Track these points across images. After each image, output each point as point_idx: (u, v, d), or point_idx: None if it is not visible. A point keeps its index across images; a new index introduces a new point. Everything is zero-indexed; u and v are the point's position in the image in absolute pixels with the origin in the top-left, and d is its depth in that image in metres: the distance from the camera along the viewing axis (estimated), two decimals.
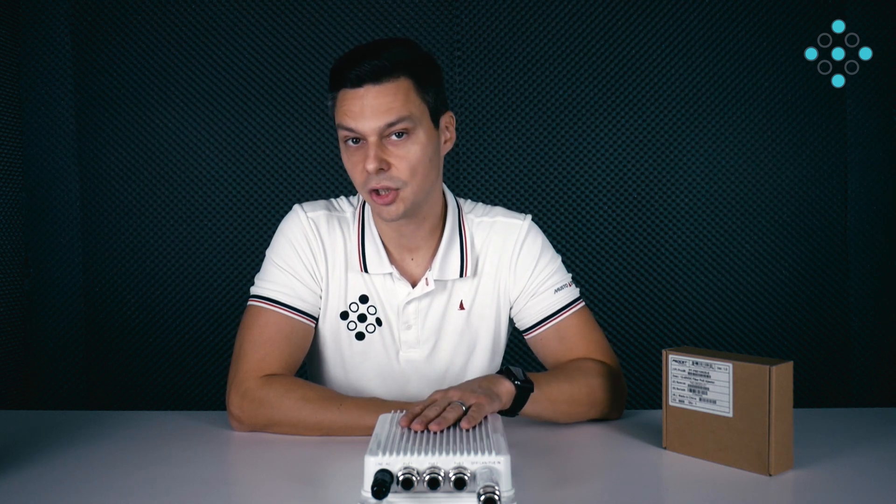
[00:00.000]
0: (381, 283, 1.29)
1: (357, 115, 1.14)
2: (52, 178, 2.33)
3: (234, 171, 2.33)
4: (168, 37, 2.31)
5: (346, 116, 1.15)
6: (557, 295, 1.30)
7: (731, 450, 1.00)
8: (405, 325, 1.29)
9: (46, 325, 2.35)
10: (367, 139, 1.15)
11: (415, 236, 1.28)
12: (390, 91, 1.14)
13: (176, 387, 2.34)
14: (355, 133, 1.16)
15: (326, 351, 1.32)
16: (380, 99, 1.14)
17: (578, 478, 1.00)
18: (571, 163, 2.33)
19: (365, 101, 1.14)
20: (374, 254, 1.28)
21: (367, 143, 1.15)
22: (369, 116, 1.14)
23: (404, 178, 1.16)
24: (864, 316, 2.32)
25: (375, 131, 1.14)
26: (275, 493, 0.95)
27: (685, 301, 2.33)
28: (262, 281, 1.28)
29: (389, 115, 1.14)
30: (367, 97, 1.14)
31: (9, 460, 1.04)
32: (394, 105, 1.14)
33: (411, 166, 1.16)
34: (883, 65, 2.23)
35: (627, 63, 2.30)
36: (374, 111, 1.14)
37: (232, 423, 1.20)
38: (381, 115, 1.14)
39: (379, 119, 1.14)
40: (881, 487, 0.94)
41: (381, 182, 1.16)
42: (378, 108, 1.14)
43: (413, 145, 1.16)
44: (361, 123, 1.14)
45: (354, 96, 1.15)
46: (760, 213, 2.32)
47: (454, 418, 0.96)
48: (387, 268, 1.27)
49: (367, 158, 1.14)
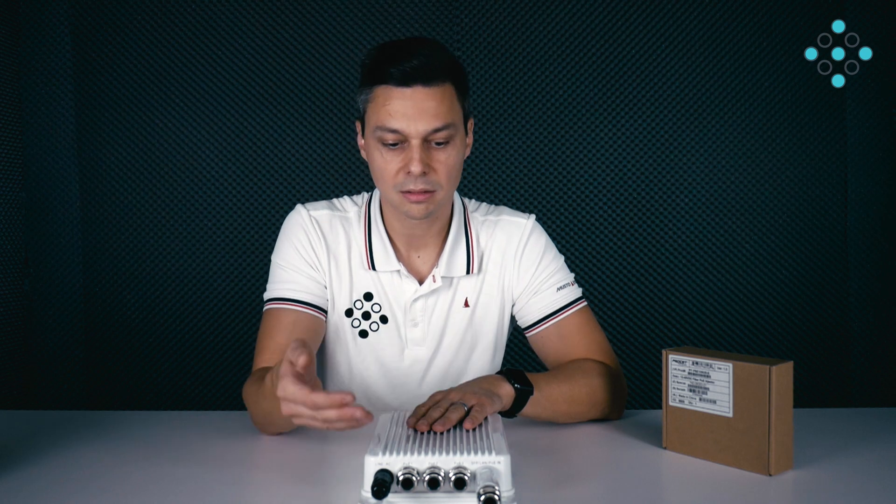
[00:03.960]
0: (388, 281, 1.29)
1: (404, 117, 1.12)
2: (52, 178, 2.33)
3: (234, 171, 2.32)
4: (168, 37, 2.31)
5: (391, 117, 1.13)
6: (560, 293, 1.31)
7: (731, 450, 1.00)
8: (412, 322, 1.29)
9: (46, 325, 2.35)
10: (409, 141, 1.14)
11: (425, 235, 1.28)
12: (438, 95, 1.13)
13: (176, 387, 2.34)
14: (399, 135, 1.13)
15: (330, 348, 1.32)
16: (429, 102, 1.12)
17: (578, 478, 0.99)
18: (571, 163, 2.33)
19: (414, 103, 1.12)
20: (382, 251, 1.28)
21: (411, 146, 1.14)
22: (418, 119, 1.12)
23: (441, 183, 1.17)
24: (864, 316, 2.32)
25: (422, 134, 1.13)
26: (275, 492, 0.95)
27: (685, 301, 2.33)
28: (268, 285, 1.29)
29: (437, 121, 1.13)
30: (416, 98, 1.12)
31: (9, 460, 1.04)
32: (441, 110, 1.13)
33: (449, 171, 1.17)
34: (883, 65, 2.23)
35: (627, 63, 2.30)
36: (423, 114, 1.12)
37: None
38: (431, 118, 1.12)
39: (429, 123, 1.13)
40: (881, 487, 0.94)
41: (418, 185, 1.15)
42: (428, 111, 1.12)
43: (452, 151, 1.17)
44: (409, 125, 1.13)
45: (402, 96, 1.12)
46: (760, 213, 2.32)
47: (457, 419, 0.96)
48: (394, 265, 1.27)
49: (411, 161, 1.13)
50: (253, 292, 2.32)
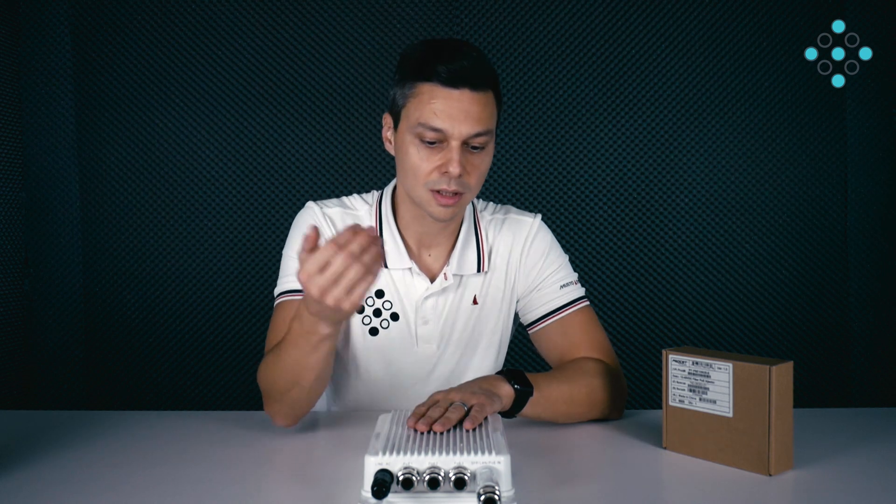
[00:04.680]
0: (400, 279, 1.29)
1: (449, 117, 1.13)
2: (52, 178, 2.33)
3: (235, 171, 2.33)
4: (168, 37, 2.31)
5: (436, 116, 1.13)
6: (563, 291, 1.32)
7: (731, 450, 1.00)
8: (423, 319, 1.30)
9: (46, 325, 2.35)
10: (449, 142, 1.15)
11: (439, 234, 1.29)
12: (483, 101, 1.15)
13: (176, 387, 2.34)
14: (441, 134, 1.14)
15: (339, 344, 1.32)
16: (475, 106, 1.14)
17: (578, 478, 1.00)
18: (572, 163, 2.33)
19: (461, 105, 1.13)
20: (394, 249, 1.28)
21: (450, 147, 1.15)
22: (463, 121, 1.13)
23: (472, 186, 1.18)
24: (864, 316, 2.32)
25: (464, 137, 1.14)
26: (275, 493, 0.95)
27: (685, 301, 2.33)
28: (279, 279, 1.29)
29: (480, 126, 1.14)
30: (464, 101, 1.13)
31: (9, 460, 1.04)
32: (483, 115, 1.15)
33: (480, 176, 1.19)
34: (883, 65, 2.23)
35: (627, 63, 2.30)
36: (468, 117, 1.13)
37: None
38: (474, 123, 1.14)
39: (472, 127, 1.14)
40: (881, 487, 0.94)
41: (451, 185, 1.16)
42: (472, 114, 1.13)
43: (486, 157, 1.19)
44: (454, 127, 1.13)
45: (449, 96, 1.13)
46: (760, 213, 2.32)
47: (457, 418, 0.96)
48: (406, 263, 1.28)
49: (450, 162, 1.14)
50: (253, 292, 2.32)
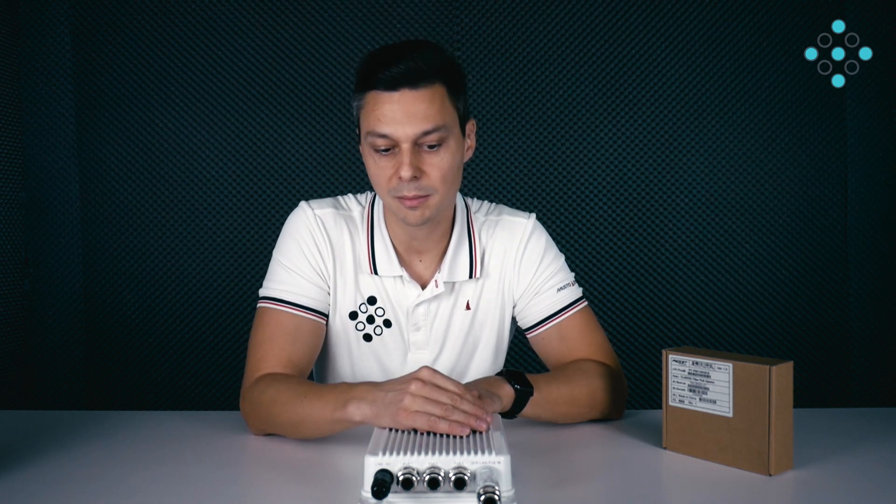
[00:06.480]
0: (391, 285, 1.28)
1: (392, 121, 1.10)
2: (52, 178, 2.33)
3: (235, 171, 2.32)
4: (168, 37, 2.31)
5: (380, 122, 1.11)
6: (560, 294, 1.30)
7: (731, 450, 1.00)
8: (414, 326, 1.29)
9: (46, 325, 2.35)
10: (400, 146, 1.12)
11: (427, 239, 1.27)
12: (427, 97, 1.11)
13: (176, 387, 2.34)
14: (389, 140, 1.12)
15: (333, 350, 1.31)
16: (417, 105, 1.10)
17: (578, 478, 0.99)
18: (571, 163, 2.33)
19: (401, 106, 1.10)
20: (385, 256, 1.27)
21: (401, 150, 1.12)
22: (406, 122, 1.10)
23: (435, 187, 1.15)
24: (864, 316, 2.32)
25: (411, 138, 1.11)
26: (275, 493, 0.95)
27: (685, 301, 2.33)
28: (268, 282, 1.28)
29: (426, 123, 1.11)
30: (404, 102, 1.10)
31: (9, 460, 1.04)
32: (430, 112, 1.11)
33: (443, 175, 1.14)
34: (883, 65, 2.23)
35: (627, 63, 2.30)
36: (411, 117, 1.10)
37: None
38: (419, 121, 1.10)
39: (416, 126, 1.10)
40: (881, 487, 0.94)
41: (411, 190, 1.13)
42: (415, 114, 1.10)
43: (446, 154, 1.14)
44: (397, 129, 1.11)
45: (389, 100, 1.10)
46: (760, 213, 2.32)
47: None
48: (397, 270, 1.26)
49: (401, 166, 1.11)
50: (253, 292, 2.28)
